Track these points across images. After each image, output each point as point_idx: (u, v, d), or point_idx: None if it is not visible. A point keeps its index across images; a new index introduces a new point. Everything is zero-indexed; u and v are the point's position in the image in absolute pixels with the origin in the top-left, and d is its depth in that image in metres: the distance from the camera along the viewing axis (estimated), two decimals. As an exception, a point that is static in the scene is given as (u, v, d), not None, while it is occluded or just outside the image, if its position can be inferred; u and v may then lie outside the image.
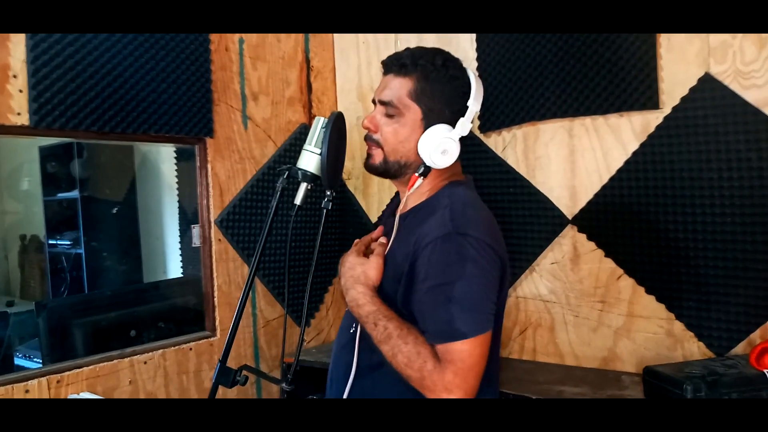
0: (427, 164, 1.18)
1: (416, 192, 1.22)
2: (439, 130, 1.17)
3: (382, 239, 1.22)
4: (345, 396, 1.19)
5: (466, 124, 1.18)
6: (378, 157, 1.22)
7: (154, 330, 2.15)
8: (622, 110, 1.86)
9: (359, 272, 1.17)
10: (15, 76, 1.59)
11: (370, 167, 1.25)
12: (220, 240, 2.09)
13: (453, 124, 1.18)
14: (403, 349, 1.06)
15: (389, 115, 1.20)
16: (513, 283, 2.10)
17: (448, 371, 1.02)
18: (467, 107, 1.19)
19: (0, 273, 3.51)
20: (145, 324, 2.15)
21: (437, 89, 1.17)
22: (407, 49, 1.22)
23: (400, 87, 1.18)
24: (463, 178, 1.26)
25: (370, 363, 1.16)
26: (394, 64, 1.20)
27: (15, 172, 3.44)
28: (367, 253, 1.22)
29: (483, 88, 1.23)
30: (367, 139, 1.24)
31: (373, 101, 1.25)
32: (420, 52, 1.20)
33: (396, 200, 1.31)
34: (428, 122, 1.18)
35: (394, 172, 1.23)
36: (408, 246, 1.13)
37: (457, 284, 1.05)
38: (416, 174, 1.19)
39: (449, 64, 1.19)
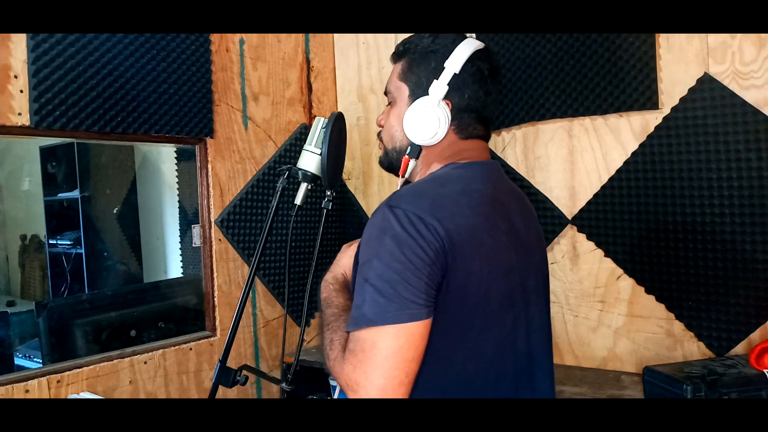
0: (413, 142, 1.06)
1: (415, 177, 1.12)
2: (419, 101, 1.05)
3: None
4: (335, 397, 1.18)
5: (439, 88, 1.04)
6: (382, 152, 1.15)
7: (154, 330, 2.15)
8: (622, 110, 1.86)
9: (336, 260, 1.13)
10: (16, 77, 1.60)
11: (380, 164, 1.18)
12: (220, 240, 2.09)
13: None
14: (323, 336, 0.98)
15: (389, 104, 1.14)
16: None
17: (348, 363, 0.89)
18: (444, 68, 1.04)
19: (0, 273, 3.52)
20: (145, 324, 2.15)
21: (423, 61, 1.07)
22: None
23: (393, 72, 1.13)
24: (473, 160, 1.06)
25: None
26: (393, 54, 1.15)
27: (15, 172, 3.44)
28: None
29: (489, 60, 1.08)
30: (378, 136, 1.18)
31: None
32: (414, 35, 1.13)
33: None
34: (414, 99, 1.07)
35: (395, 162, 1.11)
36: None
37: (374, 262, 0.90)
38: (406, 156, 1.07)
39: (439, 35, 1.08)
